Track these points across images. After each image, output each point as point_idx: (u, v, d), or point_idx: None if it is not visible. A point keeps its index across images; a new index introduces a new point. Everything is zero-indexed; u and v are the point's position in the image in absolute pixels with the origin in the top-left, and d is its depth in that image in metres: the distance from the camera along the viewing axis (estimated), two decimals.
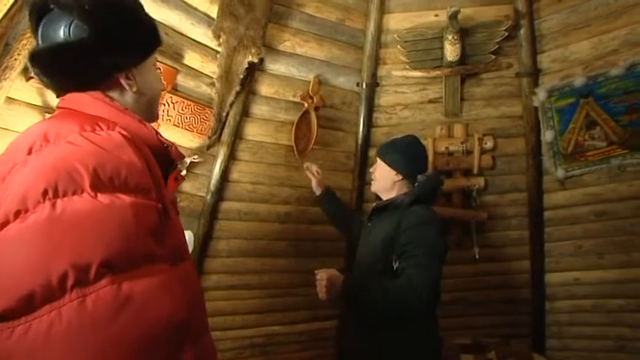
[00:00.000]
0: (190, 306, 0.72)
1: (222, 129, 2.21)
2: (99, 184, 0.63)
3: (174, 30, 1.91)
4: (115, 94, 0.83)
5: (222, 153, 2.25)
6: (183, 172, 2.09)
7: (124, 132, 0.72)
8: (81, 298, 0.55)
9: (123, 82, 0.82)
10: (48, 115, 1.63)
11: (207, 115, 2.11)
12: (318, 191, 2.16)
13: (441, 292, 1.40)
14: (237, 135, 2.29)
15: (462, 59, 2.33)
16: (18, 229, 0.58)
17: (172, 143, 0.86)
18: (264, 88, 2.32)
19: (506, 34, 2.29)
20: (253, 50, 2.04)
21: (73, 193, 0.60)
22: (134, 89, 0.84)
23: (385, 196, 1.70)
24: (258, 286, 2.57)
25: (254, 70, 2.22)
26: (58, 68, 0.79)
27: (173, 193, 0.91)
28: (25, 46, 1.49)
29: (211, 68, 2.07)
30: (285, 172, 2.48)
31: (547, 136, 2.42)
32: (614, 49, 2.25)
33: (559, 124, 2.41)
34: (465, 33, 2.28)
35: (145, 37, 0.86)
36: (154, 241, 0.66)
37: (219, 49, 2.03)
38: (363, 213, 2.52)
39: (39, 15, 0.79)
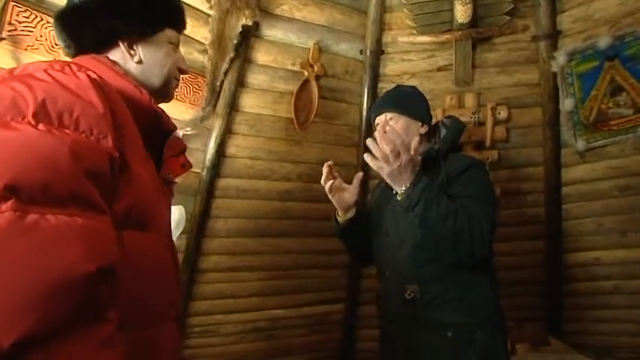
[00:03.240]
0: (145, 283, 0.67)
1: (216, 100, 2.09)
2: (43, 116, 0.58)
3: None
4: (118, 60, 0.84)
5: (217, 126, 2.14)
6: None
7: (94, 76, 0.68)
8: None
9: (123, 49, 0.84)
10: None
11: (199, 84, 1.99)
12: (349, 212, 1.47)
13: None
14: (233, 106, 2.17)
15: (474, 21, 2.16)
16: None
17: (164, 112, 0.82)
18: (261, 55, 2.18)
19: None
20: (247, 12, 1.90)
21: (12, 119, 0.56)
22: (135, 59, 0.85)
23: None
24: (260, 267, 2.47)
25: (249, 37, 2.09)
26: (66, 29, 0.84)
27: (171, 175, 0.89)
28: None
29: (203, 34, 1.94)
30: (285, 147, 2.35)
31: (566, 104, 2.25)
32: None
33: (580, 90, 2.22)
34: None
35: (152, 10, 0.87)
36: (94, 188, 0.58)
37: (210, 12, 1.90)
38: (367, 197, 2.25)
39: None
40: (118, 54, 0.85)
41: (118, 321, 0.56)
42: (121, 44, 0.84)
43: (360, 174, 1.45)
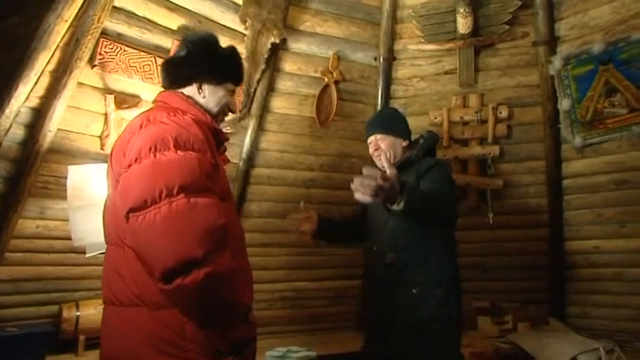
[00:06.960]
0: (233, 231, 1.08)
1: (251, 103, 2.50)
2: (177, 145, 1.04)
3: (206, 18, 2.22)
4: (191, 94, 1.24)
5: (252, 125, 2.55)
6: None
7: (192, 116, 1.14)
8: (169, 203, 0.96)
9: (195, 88, 1.24)
10: (108, 96, 2.01)
11: (237, 91, 2.40)
12: (311, 232, 1.88)
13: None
14: (265, 108, 2.57)
15: (475, 31, 2.41)
16: (137, 168, 1.02)
17: (221, 129, 1.26)
18: (288, 65, 2.57)
19: (520, 3, 2.33)
20: (275, 32, 2.30)
21: (164, 150, 1.02)
22: (202, 96, 1.24)
23: None
24: (287, 244, 2.81)
25: (278, 50, 2.48)
26: (164, 71, 1.30)
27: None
28: (90, 40, 1.84)
29: (240, 50, 2.34)
30: (309, 142, 2.73)
31: (564, 104, 2.44)
32: (638, 12, 2.20)
33: (576, 91, 2.42)
34: (477, 5, 2.36)
35: (218, 69, 1.27)
36: (209, 182, 1.06)
37: (245, 32, 2.31)
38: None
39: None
40: (192, 90, 1.25)
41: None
42: (194, 84, 1.25)
43: (302, 203, 1.93)
